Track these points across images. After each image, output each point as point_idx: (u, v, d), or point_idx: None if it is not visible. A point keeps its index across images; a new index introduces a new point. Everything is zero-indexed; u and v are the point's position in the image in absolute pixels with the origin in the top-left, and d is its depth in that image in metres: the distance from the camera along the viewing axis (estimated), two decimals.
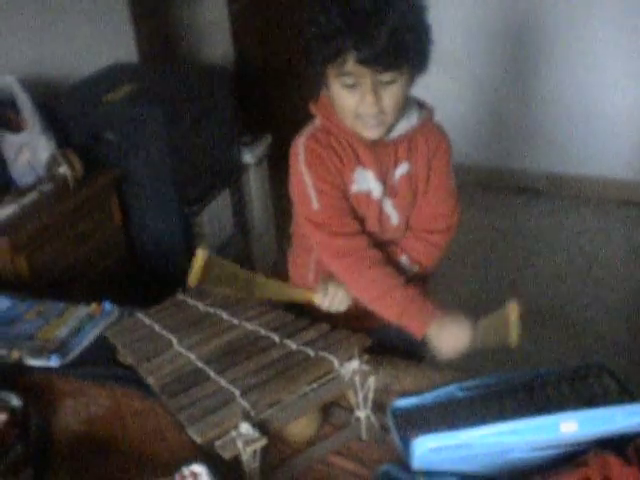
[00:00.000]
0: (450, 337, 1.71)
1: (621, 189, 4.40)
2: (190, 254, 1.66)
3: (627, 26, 4.08)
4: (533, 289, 3.72)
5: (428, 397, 1.59)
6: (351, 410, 1.54)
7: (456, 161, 1.93)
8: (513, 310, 1.76)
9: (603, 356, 3.18)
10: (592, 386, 1.58)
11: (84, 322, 1.97)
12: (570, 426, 1.20)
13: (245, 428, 1.32)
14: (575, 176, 4.49)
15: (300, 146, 1.79)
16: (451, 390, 1.61)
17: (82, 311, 2.02)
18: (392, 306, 1.75)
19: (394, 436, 1.47)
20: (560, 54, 4.30)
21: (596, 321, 3.47)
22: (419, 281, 1.91)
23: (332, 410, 1.58)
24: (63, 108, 3.07)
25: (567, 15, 4.18)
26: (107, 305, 2.03)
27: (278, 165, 4.17)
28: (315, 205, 1.76)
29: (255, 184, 3.80)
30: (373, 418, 1.52)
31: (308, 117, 1.95)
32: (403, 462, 1.37)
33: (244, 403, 1.36)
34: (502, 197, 4.54)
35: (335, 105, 1.72)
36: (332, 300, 1.81)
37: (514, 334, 1.80)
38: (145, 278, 3.19)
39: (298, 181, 1.78)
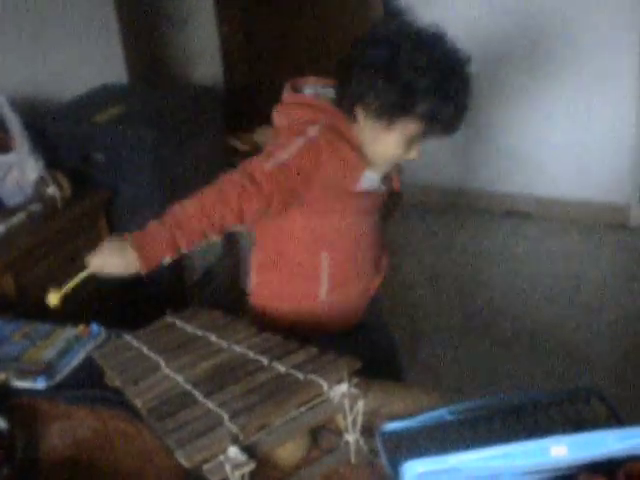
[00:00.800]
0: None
1: (609, 213, 4.42)
2: (178, 275, 1.70)
3: (616, 52, 4.11)
4: (521, 312, 3.72)
5: (417, 421, 1.59)
6: (340, 434, 1.53)
7: (445, 184, 1.96)
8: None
9: (591, 379, 3.18)
10: (581, 410, 1.58)
11: (71, 344, 1.96)
12: (560, 450, 1.19)
13: (233, 452, 1.31)
14: (563, 200, 4.51)
15: (316, 129, 1.83)
16: (440, 414, 1.61)
17: (69, 332, 2.01)
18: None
19: (383, 460, 1.46)
20: (546, 77, 4.33)
21: (584, 344, 3.47)
22: None
23: (321, 434, 1.57)
24: (52, 128, 3.07)
25: (556, 35, 4.21)
26: (94, 327, 2.03)
27: None
28: (267, 167, 1.78)
29: None
30: (362, 442, 1.51)
31: None
32: None
33: (232, 427, 1.35)
34: (491, 220, 4.55)
35: (374, 144, 1.82)
36: (106, 258, 1.87)
37: None
38: (133, 299, 3.17)
39: (282, 145, 1.83)
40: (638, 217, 4.37)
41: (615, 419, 1.53)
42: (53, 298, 1.81)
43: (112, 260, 1.84)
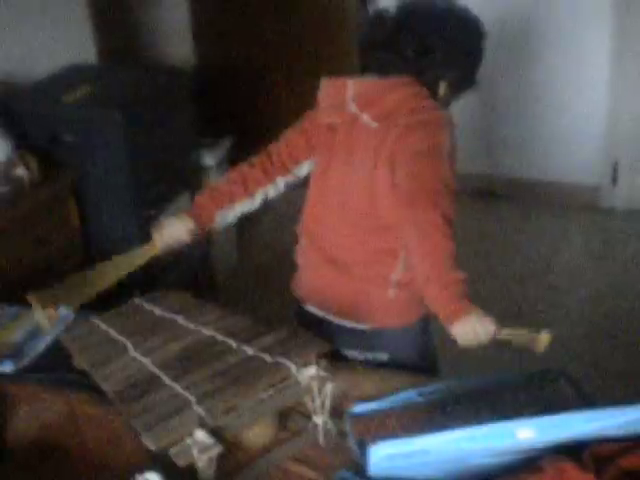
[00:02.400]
0: (470, 333, 1.71)
1: (580, 195, 4.43)
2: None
3: (590, 34, 4.13)
4: (491, 292, 3.73)
5: (386, 402, 1.59)
6: (308, 416, 1.53)
7: None
8: (544, 339, 1.74)
9: (559, 361, 3.15)
10: (550, 392, 1.59)
11: (39, 327, 1.94)
12: (527, 432, 1.20)
13: (200, 435, 1.30)
14: (535, 181, 4.52)
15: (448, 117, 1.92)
16: (409, 395, 1.62)
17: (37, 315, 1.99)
18: (436, 290, 1.75)
19: (351, 442, 1.46)
20: (522, 59, 4.34)
21: (553, 326, 3.46)
22: None
23: (289, 416, 1.57)
24: (20, 108, 3.02)
25: (533, 21, 4.21)
26: (63, 310, 2.00)
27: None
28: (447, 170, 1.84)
29: None
30: (331, 424, 1.51)
31: (269, 119, 1.98)
32: (360, 468, 1.36)
33: (199, 410, 1.34)
34: (462, 201, 4.52)
35: (445, 100, 2.00)
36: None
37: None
38: None
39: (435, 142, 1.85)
40: (609, 198, 4.39)
41: (583, 401, 1.54)
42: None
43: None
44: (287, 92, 4.66)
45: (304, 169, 2.10)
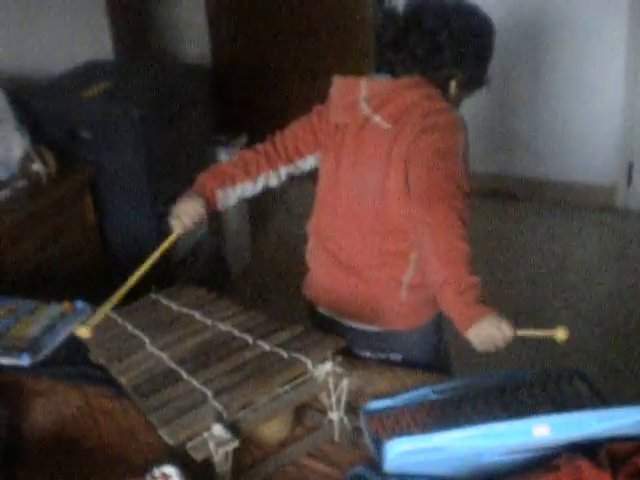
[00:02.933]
0: (487, 337, 1.70)
1: (595, 195, 4.42)
2: (163, 254, 1.72)
3: (605, 36, 4.11)
4: (506, 292, 3.73)
5: (401, 399, 1.59)
6: (324, 412, 1.54)
7: None
8: (560, 334, 1.74)
9: (574, 361, 3.19)
10: (565, 391, 1.59)
11: (56, 321, 1.95)
12: (543, 430, 1.20)
13: (217, 430, 1.31)
14: (550, 181, 4.51)
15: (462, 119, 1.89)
16: (424, 393, 1.62)
17: (54, 310, 2.00)
18: (450, 295, 1.73)
19: (366, 438, 1.47)
20: (539, 61, 4.33)
21: (568, 326, 3.46)
22: None
23: (305, 412, 1.58)
24: (38, 104, 3.04)
25: (549, 25, 4.20)
26: (79, 304, 2.02)
27: None
28: (462, 171, 1.83)
29: None
30: (346, 420, 1.52)
31: (283, 117, 1.96)
32: (375, 464, 1.37)
33: (216, 404, 1.35)
34: (477, 201, 4.52)
35: (456, 100, 1.99)
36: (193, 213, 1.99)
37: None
38: (118, 277, 3.15)
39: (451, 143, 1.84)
40: (625, 199, 4.38)
41: (598, 400, 1.54)
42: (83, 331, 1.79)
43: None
44: (302, 91, 4.66)
45: (308, 163, 2.09)
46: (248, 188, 2.06)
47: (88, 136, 2.99)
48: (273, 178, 2.08)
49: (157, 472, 1.30)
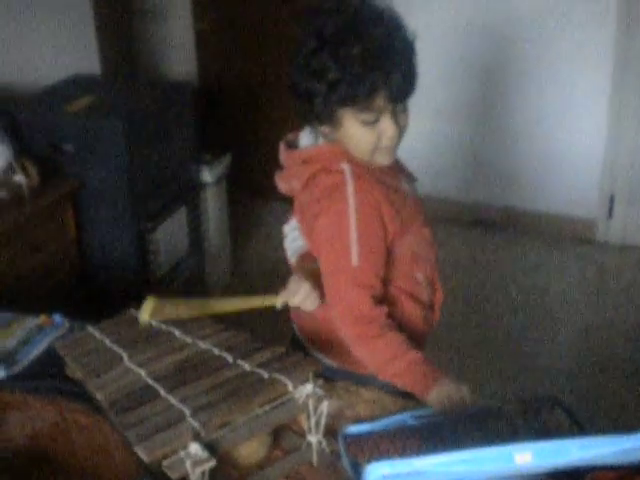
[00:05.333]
0: (448, 399, 1.67)
1: (576, 227, 4.44)
2: (144, 270, 1.68)
3: (590, 67, 4.15)
4: (486, 321, 3.73)
5: (380, 424, 1.58)
6: (302, 434, 1.52)
7: None
8: None
9: (553, 390, 3.20)
10: (545, 420, 1.58)
11: (32, 334, 1.93)
12: (524, 457, 1.19)
13: (194, 448, 1.29)
14: (530, 211, 4.53)
15: (349, 190, 1.69)
16: (403, 418, 1.60)
17: (31, 322, 1.98)
18: (396, 375, 1.71)
19: (345, 462, 1.45)
20: (520, 91, 4.36)
21: (547, 355, 3.49)
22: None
23: (282, 434, 1.56)
24: (22, 116, 3.03)
25: (533, 56, 4.24)
26: (57, 317, 1.99)
27: (236, 185, 4.18)
28: (355, 261, 1.67)
29: (212, 203, 3.77)
30: (324, 443, 1.50)
31: (268, 139, 1.92)
32: None
33: (194, 423, 1.33)
34: (457, 229, 4.56)
35: (350, 143, 1.70)
36: (304, 297, 1.76)
37: None
38: (97, 293, 3.14)
39: (340, 231, 1.69)
40: (605, 232, 4.40)
41: (578, 429, 1.53)
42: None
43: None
44: (289, 111, 4.65)
45: None
46: None
47: (72, 150, 2.98)
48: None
49: None
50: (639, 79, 4.07)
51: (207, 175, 3.65)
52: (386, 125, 1.66)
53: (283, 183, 1.85)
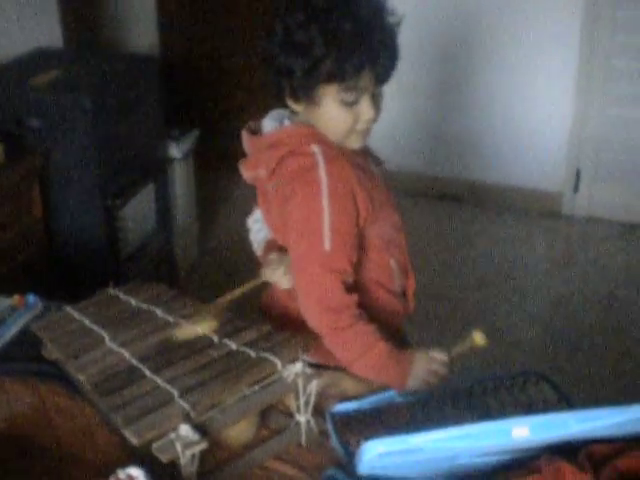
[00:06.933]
0: (427, 375, 1.67)
1: (542, 201, 4.46)
2: (112, 248, 1.63)
3: (556, 42, 4.15)
4: (456, 295, 3.74)
5: (367, 402, 1.57)
6: (288, 414, 1.50)
7: None
8: (479, 339, 1.73)
9: (523, 363, 3.22)
10: (531, 394, 1.58)
11: (5, 315, 1.88)
12: (521, 431, 1.18)
13: (184, 430, 1.27)
14: (498, 185, 4.53)
15: (321, 173, 1.63)
16: (390, 395, 1.59)
17: (3, 303, 1.92)
18: (368, 367, 1.67)
19: (334, 441, 1.44)
20: (486, 65, 4.35)
21: (517, 328, 3.50)
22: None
23: (269, 414, 1.53)
24: None
25: (501, 29, 4.23)
26: (30, 297, 1.94)
27: (204, 160, 4.13)
28: (327, 245, 1.62)
29: (180, 179, 3.72)
30: (312, 423, 1.48)
31: (234, 113, 1.86)
32: (345, 467, 1.34)
33: (183, 404, 1.30)
34: (424, 204, 4.56)
35: (325, 123, 1.65)
36: (282, 274, 1.73)
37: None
38: (65, 271, 3.08)
39: (312, 215, 1.63)
40: (571, 206, 4.43)
41: (564, 403, 1.54)
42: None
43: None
44: (253, 84, 4.60)
45: None
46: None
47: (37, 125, 2.90)
48: None
49: (122, 474, 1.25)
50: (605, 54, 4.08)
51: (175, 150, 3.59)
52: (365, 107, 1.61)
53: (248, 171, 1.77)
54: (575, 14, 4.06)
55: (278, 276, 1.74)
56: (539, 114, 4.33)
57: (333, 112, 1.62)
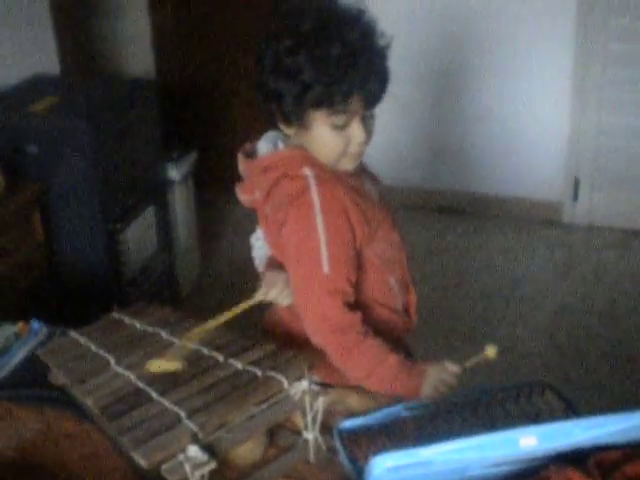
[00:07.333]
0: (439, 383, 1.69)
1: (542, 210, 4.47)
2: (114, 272, 1.63)
3: (552, 51, 4.18)
4: (460, 308, 3.74)
5: (374, 417, 1.57)
6: (295, 431, 1.50)
7: None
8: (492, 353, 1.74)
9: (528, 374, 3.21)
10: (537, 404, 1.58)
11: (10, 341, 1.88)
12: (529, 441, 1.18)
13: (193, 451, 1.27)
14: (497, 196, 4.54)
15: (314, 196, 1.64)
16: (396, 410, 1.59)
17: (8, 330, 1.93)
18: (382, 381, 1.69)
19: (342, 457, 1.44)
20: (482, 78, 4.37)
21: (521, 338, 3.51)
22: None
23: (276, 432, 1.54)
24: None
25: (497, 40, 4.26)
26: (35, 323, 1.95)
27: (203, 181, 4.14)
28: (326, 268, 1.64)
29: (180, 201, 3.73)
30: (320, 440, 1.48)
31: (231, 134, 1.87)
32: None
33: (191, 425, 1.30)
34: (425, 217, 4.57)
35: (317, 146, 1.66)
36: (280, 291, 1.74)
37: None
38: (68, 296, 3.09)
39: (308, 239, 1.65)
40: (571, 214, 4.44)
41: (570, 411, 1.54)
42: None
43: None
44: (249, 106, 4.62)
45: None
46: None
47: (36, 151, 2.92)
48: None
49: None
50: (602, 62, 4.10)
51: (174, 173, 3.61)
52: (356, 130, 1.63)
53: (245, 195, 1.79)
54: (569, 24, 4.09)
55: (276, 293, 1.75)
56: (536, 124, 4.35)
57: (324, 136, 1.64)
